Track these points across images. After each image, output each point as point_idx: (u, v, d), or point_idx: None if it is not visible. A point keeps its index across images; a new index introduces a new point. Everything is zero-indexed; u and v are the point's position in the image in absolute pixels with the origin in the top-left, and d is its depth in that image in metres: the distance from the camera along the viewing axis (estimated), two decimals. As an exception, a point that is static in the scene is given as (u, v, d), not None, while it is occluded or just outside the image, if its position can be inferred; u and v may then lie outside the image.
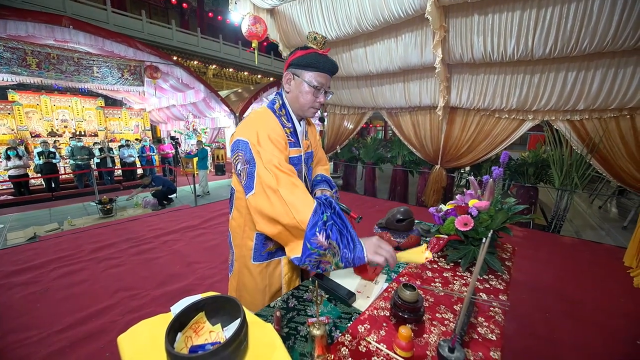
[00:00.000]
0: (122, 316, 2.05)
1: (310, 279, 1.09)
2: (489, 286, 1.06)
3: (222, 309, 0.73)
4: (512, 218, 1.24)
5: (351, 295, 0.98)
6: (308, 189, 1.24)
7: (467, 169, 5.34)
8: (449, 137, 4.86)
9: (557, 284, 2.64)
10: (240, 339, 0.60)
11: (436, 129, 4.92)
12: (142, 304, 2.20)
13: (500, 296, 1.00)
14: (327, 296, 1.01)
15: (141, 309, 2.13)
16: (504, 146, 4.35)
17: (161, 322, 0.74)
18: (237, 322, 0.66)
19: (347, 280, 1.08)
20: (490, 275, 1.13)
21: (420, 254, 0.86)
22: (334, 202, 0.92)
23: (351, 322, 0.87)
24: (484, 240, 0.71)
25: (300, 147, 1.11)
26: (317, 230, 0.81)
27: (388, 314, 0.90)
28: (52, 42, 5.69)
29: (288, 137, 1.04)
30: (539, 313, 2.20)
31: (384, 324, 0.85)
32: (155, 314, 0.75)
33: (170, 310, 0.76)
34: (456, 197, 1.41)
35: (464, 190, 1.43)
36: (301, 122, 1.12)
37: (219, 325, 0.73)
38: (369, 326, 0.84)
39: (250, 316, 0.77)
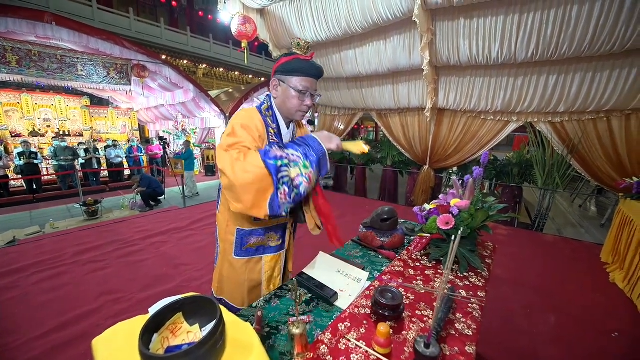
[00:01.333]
0: (105, 320, 2.00)
1: (293, 279, 1.10)
2: (468, 283, 1.09)
3: (200, 309, 0.73)
4: (492, 217, 1.27)
5: (333, 294, 0.99)
6: (309, 210, 1.24)
7: (455, 169, 5.45)
8: (437, 138, 4.95)
9: (539, 280, 2.72)
10: (215, 338, 0.60)
11: (424, 130, 5.01)
12: (127, 307, 2.16)
13: (479, 293, 1.03)
14: (309, 295, 1.02)
15: (125, 312, 2.08)
16: (490, 147, 4.46)
17: (138, 324, 0.73)
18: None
19: (331, 279, 1.09)
20: (470, 273, 1.16)
21: (359, 145, 1.07)
22: None
23: (332, 321, 0.88)
24: (452, 238, 0.73)
25: None
26: (268, 150, 0.90)
27: (369, 312, 0.91)
28: (33, 38, 5.51)
29: (272, 136, 1.07)
30: (520, 309, 2.26)
31: (365, 322, 0.86)
32: (140, 316, 0.74)
33: (148, 312, 0.75)
34: (440, 196, 1.44)
35: (447, 190, 1.47)
36: (290, 125, 1.16)
37: (197, 326, 0.73)
38: (349, 324, 0.85)
39: (229, 316, 0.77)
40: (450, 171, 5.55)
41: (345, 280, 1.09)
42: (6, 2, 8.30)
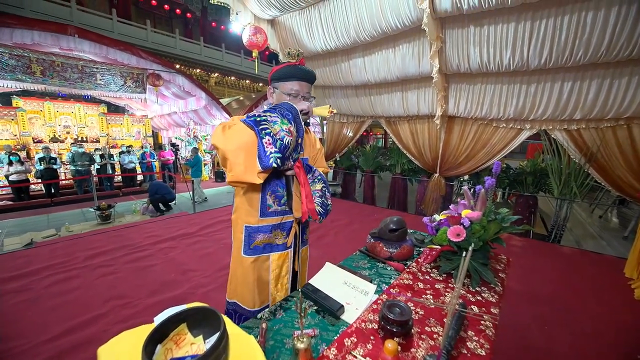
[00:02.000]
0: (113, 325, 2.01)
1: (299, 290, 1.08)
2: (480, 298, 1.04)
3: (204, 320, 0.72)
4: (505, 229, 1.23)
5: (339, 307, 0.96)
6: (298, 193, 1.24)
7: (466, 177, 5.33)
8: (447, 145, 4.87)
9: (556, 295, 2.60)
10: (218, 351, 0.59)
11: (434, 137, 4.94)
12: (134, 312, 2.17)
13: (492, 309, 0.98)
14: (315, 308, 0.99)
15: (132, 318, 2.09)
16: (502, 155, 4.35)
17: (143, 333, 0.72)
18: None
19: (337, 291, 1.06)
20: (482, 287, 1.11)
21: (326, 109, 1.19)
22: None
23: (338, 335, 0.85)
24: (464, 255, 0.70)
25: None
26: (245, 116, 1.01)
27: (376, 326, 0.88)
28: (57, 50, 5.81)
29: None
30: (536, 324, 2.15)
31: (372, 338, 0.83)
32: (146, 323, 0.74)
33: (154, 321, 0.75)
34: (450, 206, 1.40)
35: (458, 199, 1.43)
36: None
37: (200, 337, 0.72)
38: (355, 339, 0.82)
39: (233, 328, 0.76)
40: (462, 179, 5.44)
41: (352, 293, 1.06)
42: (35, 16, 8.84)
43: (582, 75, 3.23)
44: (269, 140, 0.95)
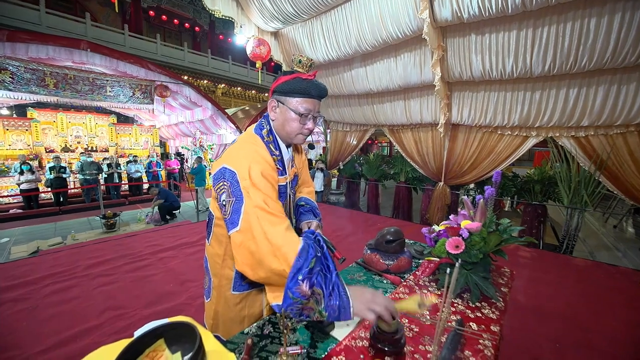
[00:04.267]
0: (107, 337, 1.98)
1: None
2: (480, 315, 0.98)
3: (183, 336, 0.69)
4: (507, 241, 1.16)
5: (329, 323, 0.91)
6: (293, 214, 1.21)
7: (472, 186, 5.22)
8: (451, 154, 4.80)
9: (568, 310, 2.46)
10: (190, 370, 0.55)
11: (438, 145, 4.88)
12: (129, 324, 2.14)
13: (492, 327, 0.92)
14: (303, 323, 0.95)
15: (127, 329, 2.06)
16: (509, 163, 4.26)
17: (121, 348, 0.70)
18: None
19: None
20: (483, 303, 1.05)
21: (414, 304, 0.78)
22: (322, 239, 0.87)
23: (326, 353, 0.80)
24: (448, 271, 0.65)
25: (286, 174, 1.06)
26: (300, 278, 0.74)
27: (367, 344, 0.83)
28: (70, 63, 6.04)
29: (276, 164, 0.99)
30: (547, 342, 2.03)
31: (361, 356, 0.78)
32: (140, 335, 0.71)
33: (134, 336, 0.72)
34: (450, 217, 1.35)
35: (459, 210, 1.37)
36: (289, 149, 1.08)
37: (178, 354, 0.68)
38: (344, 358, 0.77)
39: (213, 344, 0.72)
40: (468, 188, 5.34)
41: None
42: (51, 32, 9.28)
43: (588, 81, 3.16)
44: (290, 312, 0.75)
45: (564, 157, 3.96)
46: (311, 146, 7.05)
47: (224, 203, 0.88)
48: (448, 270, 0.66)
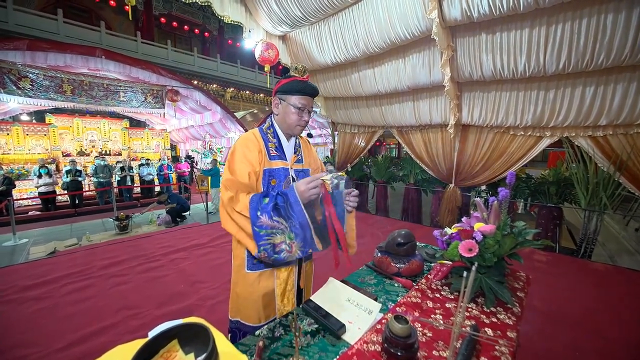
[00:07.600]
0: (122, 336, 2.02)
1: (296, 308, 1.04)
2: (496, 320, 0.95)
3: (196, 337, 0.70)
4: (522, 244, 1.13)
5: (341, 326, 0.91)
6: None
7: (484, 187, 5.11)
8: (462, 155, 4.72)
9: (588, 317, 2.36)
10: (204, 372, 0.56)
11: (448, 147, 4.81)
12: (142, 323, 2.18)
13: (508, 332, 0.89)
14: (315, 326, 0.94)
15: (140, 329, 2.10)
16: (522, 164, 4.15)
17: (135, 348, 0.71)
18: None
19: (339, 308, 1.01)
20: (498, 308, 1.02)
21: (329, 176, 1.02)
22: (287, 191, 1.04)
23: (337, 357, 0.79)
24: (464, 275, 0.64)
25: (286, 160, 1.22)
26: (258, 213, 0.97)
27: (379, 349, 0.82)
28: (86, 70, 6.26)
29: (272, 150, 1.19)
30: (566, 351, 1.95)
31: (373, 361, 0.77)
32: (152, 334, 0.72)
33: (148, 336, 0.73)
34: (462, 219, 1.32)
35: (471, 212, 1.35)
36: (290, 140, 1.25)
37: (192, 355, 0.69)
38: (355, 363, 0.77)
39: (225, 346, 0.72)
40: (479, 190, 5.22)
41: (355, 311, 1.00)
42: (67, 40, 9.64)
43: (605, 79, 3.06)
44: (264, 254, 0.98)
45: (581, 158, 3.83)
46: (309, 135, 7.21)
47: None
48: (465, 273, 0.64)
